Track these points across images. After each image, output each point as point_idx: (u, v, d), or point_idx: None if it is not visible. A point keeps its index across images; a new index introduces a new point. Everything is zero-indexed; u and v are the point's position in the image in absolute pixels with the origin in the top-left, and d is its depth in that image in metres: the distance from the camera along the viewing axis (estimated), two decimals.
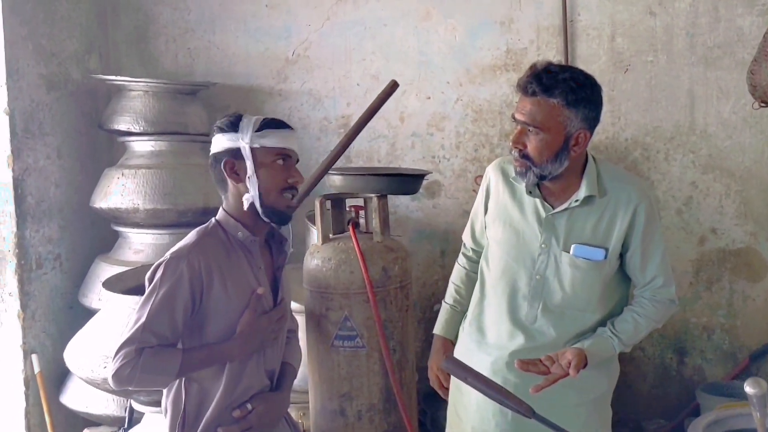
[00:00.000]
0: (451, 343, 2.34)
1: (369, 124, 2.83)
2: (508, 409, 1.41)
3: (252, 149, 1.89)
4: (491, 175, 2.27)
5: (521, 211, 2.14)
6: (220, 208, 1.98)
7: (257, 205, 1.90)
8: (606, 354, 2.06)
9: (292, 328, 2.19)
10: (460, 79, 3.62)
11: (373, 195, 2.65)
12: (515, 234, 2.13)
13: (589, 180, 2.06)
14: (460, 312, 2.35)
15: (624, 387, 3.57)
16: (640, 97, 3.44)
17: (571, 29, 3.46)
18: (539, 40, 3.51)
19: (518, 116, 1.99)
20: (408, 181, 2.82)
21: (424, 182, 2.99)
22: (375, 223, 2.64)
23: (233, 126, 1.91)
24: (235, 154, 1.90)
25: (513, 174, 2.10)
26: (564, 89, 1.93)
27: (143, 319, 1.81)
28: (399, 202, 3.67)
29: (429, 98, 3.66)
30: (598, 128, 3.37)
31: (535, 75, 1.96)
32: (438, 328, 2.37)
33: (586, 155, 2.10)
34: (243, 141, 1.89)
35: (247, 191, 1.91)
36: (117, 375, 1.81)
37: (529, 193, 2.09)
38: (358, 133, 2.77)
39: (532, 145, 1.97)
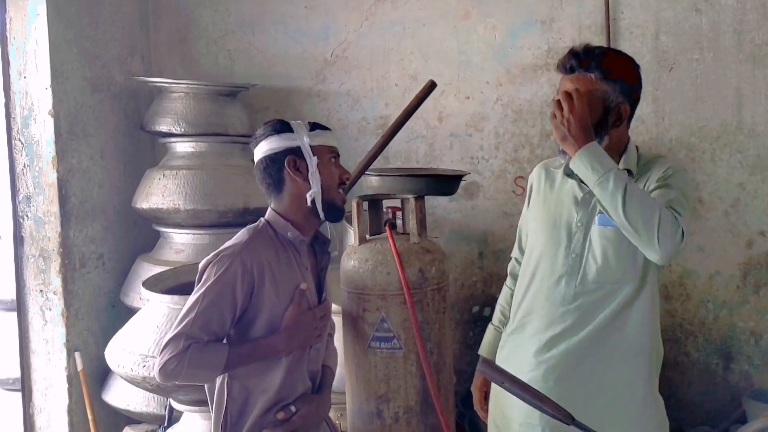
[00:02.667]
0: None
1: (407, 125, 2.81)
2: (546, 414, 1.38)
3: (311, 147, 1.96)
4: (534, 175, 2.30)
5: (559, 199, 2.15)
6: (269, 209, 2.02)
7: (318, 200, 1.96)
8: (595, 161, 1.94)
9: (330, 332, 2.19)
10: (499, 79, 3.58)
11: (410, 196, 2.63)
12: (552, 219, 2.14)
13: (628, 158, 2.08)
14: None
15: (668, 393, 3.48)
16: (685, 96, 3.36)
17: (613, 28, 3.40)
18: (581, 39, 3.44)
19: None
20: (445, 182, 2.79)
21: (462, 183, 2.96)
22: (412, 224, 2.62)
23: (287, 127, 1.98)
24: (295, 151, 1.96)
25: (554, 166, 2.17)
26: (599, 62, 2.01)
27: (193, 315, 1.83)
28: (437, 203, 3.65)
29: (468, 98, 3.62)
30: (642, 129, 3.38)
31: (572, 53, 2.05)
32: (483, 350, 2.38)
33: (629, 140, 2.11)
34: (303, 139, 1.96)
35: (309, 188, 1.95)
36: (163, 369, 1.81)
37: (568, 175, 2.11)
38: (395, 134, 2.76)
39: None
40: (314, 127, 2.00)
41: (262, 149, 1.98)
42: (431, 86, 2.73)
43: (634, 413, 2.09)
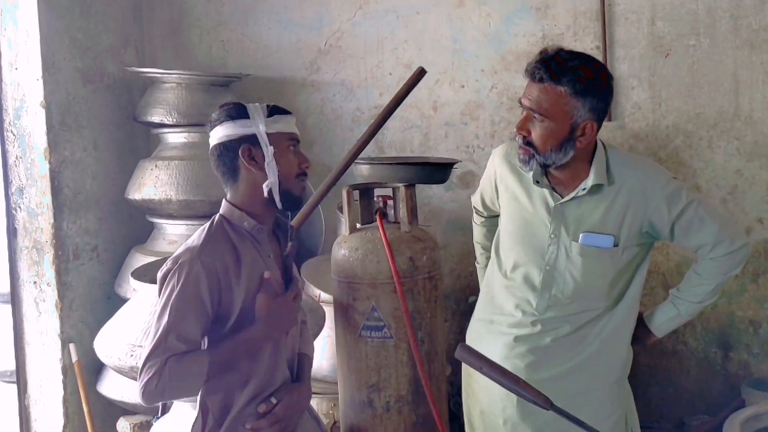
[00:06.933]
0: None
1: (401, 114, 2.80)
2: (524, 399, 1.36)
3: (268, 135, 1.87)
4: (497, 165, 2.24)
5: (530, 200, 2.11)
6: (223, 202, 1.94)
7: (276, 191, 1.87)
8: (668, 314, 2.20)
9: (303, 319, 2.16)
10: (495, 67, 3.55)
11: (400, 184, 2.61)
12: (525, 224, 2.12)
13: (598, 168, 2.01)
14: None
15: (666, 382, 3.47)
16: (681, 82, 3.32)
17: (609, 13, 3.36)
18: (576, 26, 3.42)
19: (525, 101, 1.97)
20: (436, 170, 2.77)
21: (458, 172, 2.93)
22: (403, 212, 2.60)
23: (242, 113, 1.88)
24: (250, 140, 1.86)
25: (518, 163, 2.08)
26: (572, 77, 1.90)
27: (164, 326, 1.75)
28: (432, 193, 3.62)
29: (463, 87, 3.59)
30: (638, 115, 3.35)
31: (543, 60, 1.93)
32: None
33: (596, 143, 2.06)
34: (259, 126, 1.86)
35: (265, 178, 1.87)
36: (146, 389, 1.73)
37: (536, 182, 2.06)
38: (384, 122, 2.73)
39: (536, 133, 1.95)
40: (272, 111, 1.89)
41: (216, 135, 1.89)
42: (420, 73, 2.71)
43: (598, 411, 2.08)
